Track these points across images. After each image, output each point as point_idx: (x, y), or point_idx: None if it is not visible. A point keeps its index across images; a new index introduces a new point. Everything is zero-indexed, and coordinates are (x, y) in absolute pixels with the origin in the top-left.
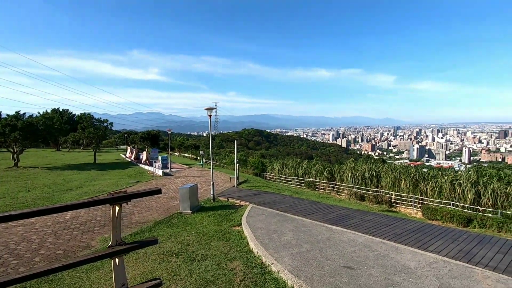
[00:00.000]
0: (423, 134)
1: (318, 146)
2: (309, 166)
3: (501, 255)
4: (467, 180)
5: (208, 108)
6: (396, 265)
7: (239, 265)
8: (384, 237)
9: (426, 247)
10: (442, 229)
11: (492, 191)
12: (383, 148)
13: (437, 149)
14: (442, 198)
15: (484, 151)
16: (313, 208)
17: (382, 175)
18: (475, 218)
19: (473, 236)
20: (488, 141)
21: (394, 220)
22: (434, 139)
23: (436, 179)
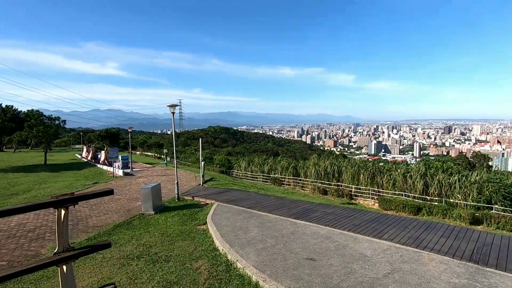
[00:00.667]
0: (380, 131)
1: (284, 143)
2: (275, 163)
3: (444, 239)
4: (417, 173)
5: (170, 105)
6: (354, 254)
7: (204, 264)
8: (344, 228)
9: (381, 235)
10: (395, 218)
11: (438, 181)
12: (345, 144)
13: (392, 144)
14: (396, 190)
15: (432, 145)
16: (278, 203)
17: (343, 169)
18: (424, 206)
19: (421, 223)
20: (436, 136)
21: (353, 212)
22: (390, 135)
23: (390, 172)
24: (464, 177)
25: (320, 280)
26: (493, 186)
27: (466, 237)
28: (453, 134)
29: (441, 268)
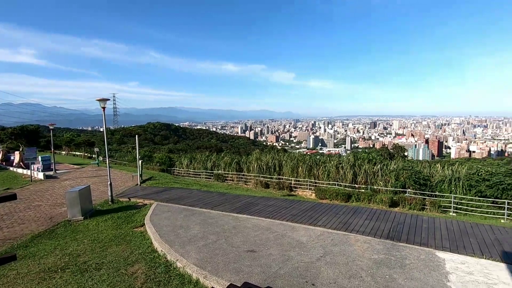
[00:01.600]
0: (317, 126)
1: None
2: (218, 159)
3: (368, 221)
4: (347, 164)
5: (101, 99)
6: (292, 242)
7: (141, 268)
8: (283, 218)
9: (316, 222)
10: (329, 206)
11: (365, 171)
12: (286, 139)
13: (328, 138)
14: (330, 180)
15: (361, 139)
16: (221, 199)
17: (284, 163)
18: (353, 194)
19: (350, 209)
20: (364, 131)
21: (292, 203)
22: (325, 130)
23: (325, 164)
24: (385, 166)
25: (260, 269)
26: (406, 173)
27: (385, 218)
28: (377, 128)
29: (364, 247)
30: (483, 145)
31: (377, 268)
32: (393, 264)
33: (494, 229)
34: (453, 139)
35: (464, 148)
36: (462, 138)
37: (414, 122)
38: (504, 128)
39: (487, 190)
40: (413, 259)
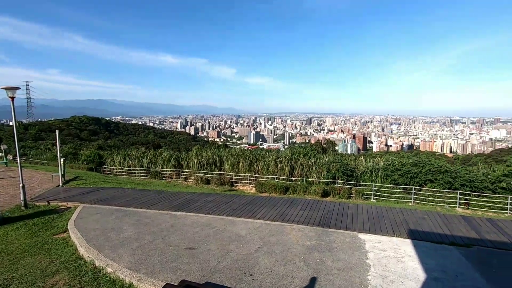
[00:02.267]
0: (258, 122)
1: (167, 134)
2: (155, 156)
3: (302, 211)
4: (285, 158)
5: (8, 87)
6: (231, 236)
7: (64, 278)
8: (223, 213)
9: (255, 215)
10: (267, 199)
11: (300, 164)
12: (227, 134)
13: (268, 134)
14: (269, 174)
15: (298, 135)
16: (158, 197)
17: (224, 159)
18: (290, 186)
19: (287, 201)
20: (301, 127)
21: (232, 197)
22: (266, 126)
23: (265, 159)
24: (318, 160)
25: (199, 266)
26: (336, 166)
27: (317, 208)
28: (313, 125)
29: (299, 235)
30: (398, 140)
31: (309, 254)
32: (323, 248)
33: (403, 211)
34: (375, 135)
35: (383, 143)
36: (382, 134)
37: (343, 120)
38: (413, 126)
39: (399, 179)
40: (339, 242)
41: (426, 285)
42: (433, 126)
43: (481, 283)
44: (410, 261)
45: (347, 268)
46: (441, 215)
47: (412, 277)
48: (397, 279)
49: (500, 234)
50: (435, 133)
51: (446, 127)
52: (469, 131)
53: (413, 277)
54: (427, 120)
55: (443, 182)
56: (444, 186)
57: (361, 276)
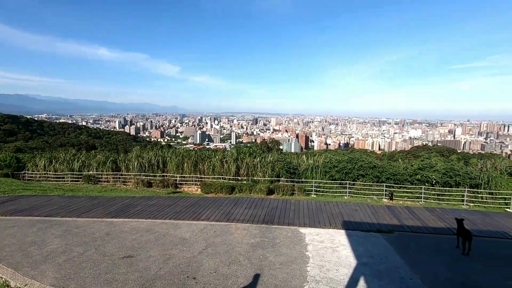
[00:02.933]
0: (204, 122)
1: (103, 134)
2: (89, 158)
3: (247, 210)
4: (231, 158)
5: None
6: (174, 240)
7: None
8: (166, 217)
9: (199, 217)
10: (213, 199)
11: (246, 164)
12: (172, 134)
13: (214, 134)
14: (215, 174)
15: (245, 134)
16: (91, 204)
17: (168, 160)
18: (237, 186)
19: (232, 200)
20: (247, 126)
21: (176, 199)
22: (212, 125)
23: (210, 159)
24: (263, 159)
25: (137, 275)
26: (280, 164)
27: (262, 205)
28: (259, 125)
29: (244, 233)
30: (336, 139)
31: (253, 251)
32: (267, 244)
33: (339, 205)
34: (316, 134)
35: (323, 142)
36: (322, 133)
37: (288, 120)
38: (348, 126)
39: (336, 174)
40: (282, 237)
41: (356, 270)
42: (365, 126)
43: (400, 264)
44: (344, 250)
45: (288, 262)
46: (370, 206)
47: (345, 264)
48: (333, 268)
49: (416, 220)
50: (367, 132)
51: (375, 127)
52: (393, 131)
53: (346, 264)
54: (360, 121)
55: (372, 177)
56: (373, 180)
57: (301, 268)
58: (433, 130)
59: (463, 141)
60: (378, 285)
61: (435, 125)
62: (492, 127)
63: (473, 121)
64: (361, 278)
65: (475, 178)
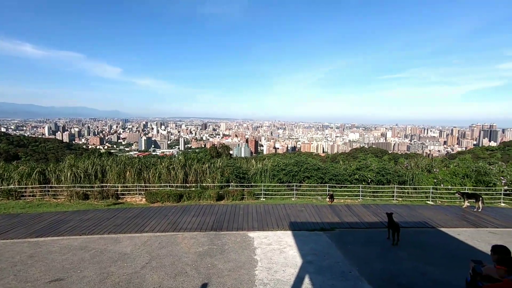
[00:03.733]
0: (149, 127)
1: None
2: (8, 170)
3: (195, 217)
4: (178, 164)
5: None
6: (113, 256)
7: None
8: (104, 232)
9: (143, 229)
10: (159, 209)
11: (195, 170)
12: (113, 141)
13: (161, 140)
14: (161, 182)
15: (194, 140)
16: (10, 223)
17: (108, 168)
18: (185, 193)
19: (180, 208)
20: (196, 132)
21: (116, 212)
22: (159, 131)
23: (156, 166)
24: (212, 164)
25: None
26: (230, 169)
27: (211, 212)
28: (208, 130)
29: (191, 242)
30: (284, 143)
31: (201, 260)
32: (215, 252)
33: (287, 207)
34: (265, 139)
35: (272, 146)
36: (271, 138)
37: (237, 124)
38: (295, 130)
39: (284, 177)
40: (231, 243)
41: (302, 269)
42: (310, 131)
43: (340, 258)
44: (290, 250)
45: (237, 268)
46: (314, 206)
47: (291, 264)
48: (280, 269)
49: (354, 216)
50: (312, 136)
51: (319, 131)
52: (335, 135)
53: (293, 264)
54: (306, 126)
55: (317, 178)
56: (317, 181)
57: (250, 273)
58: (369, 134)
59: (393, 143)
60: (321, 281)
61: (370, 129)
62: (415, 131)
63: (400, 125)
64: (306, 276)
65: (402, 175)
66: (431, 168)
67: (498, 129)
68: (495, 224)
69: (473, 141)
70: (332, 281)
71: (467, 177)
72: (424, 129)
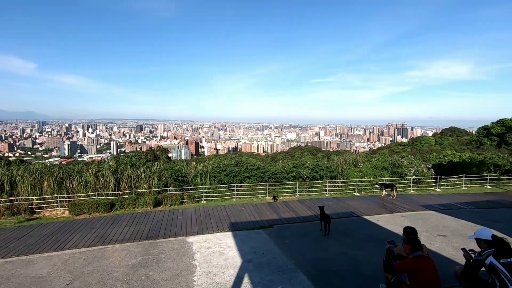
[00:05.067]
0: (73, 130)
1: None
2: None
3: (128, 227)
4: (108, 170)
5: None
6: (24, 282)
7: None
8: (13, 254)
9: (64, 246)
10: (84, 221)
11: (128, 176)
12: (27, 147)
13: (89, 144)
14: (89, 191)
15: (128, 143)
16: None
17: (19, 179)
18: (117, 201)
19: (109, 219)
20: (130, 134)
21: (30, 229)
22: (86, 134)
23: (81, 174)
24: (148, 169)
25: None
26: (168, 173)
27: (146, 220)
28: (144, 132)
29: (123, 255)
30: (225, 143)
31: (134, 273)
32: (150, 262)
33: (227, 208)
34: (206, 140)
35: (213, 147)
36: (212, 139)
37: (176, 126)
38: (236, 131)
39: (225, 178)
40: (168, 251)
41: (242, 269)
42: (250, 131)
43: (278, 254)
44: (230, 251)
45: (174, 276)
46: (254, 205)
47: (231, 265)
48: (219, 271)
49: (292, 212)
50: (252, 136)
51: (259, 131)
52: (274, 134)
53: (232, 265)
54: (246, 126)
55: (257, 177)
56: (258, 180)
57: (188, 279)
58: (304, 133)
59: (326, 141)
60: (260, 277)
61: (305, 128)
62: (344, 129)
63: (331, 125)
64: (245, 275)
65: (333, 171)
66: (357, 163)
67: (408, 127)
68: (406, 208)
69: (389, 138)
70: (270, 277)
71: (385, 170)
72: (351, 128)
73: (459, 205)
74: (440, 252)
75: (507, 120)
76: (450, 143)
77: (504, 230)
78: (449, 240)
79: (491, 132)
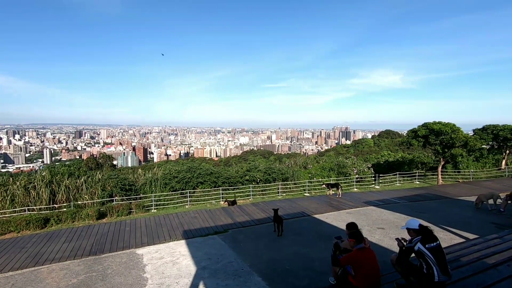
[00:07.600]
0: None
1: None
2: None
3: (67, 244)
4: (41, 182)
5: None
6: None
7: None
8: None
9: None
10: (11, 241)
11: (65, 186)
12: None
13: (15, 152)
14: (16, 206)
15: (64, 150)
16: None
17: None
18: (52, 216)
19: (44, 236)
20: (67, 141)
21: None
22: (11, 141)
23: (7, 187)
24: (90, 178)
25: None
26: (113, 182)
27: (89, 234)
28: (83, 138)
29: (61, 274)
30: (176, 149)
31: None
32: (94, 280)
33: (179, 215)
34: (155, 146)
35: (163, 153)
36: (161, 144)
37: (121, 131)
38: (187, 135)
39: (177, 185)
40: (115, 266)
41: (196, 276)
42: (202, 136)
43: (233, 258)
44: (184, 260)
45: None
46: (208, 211)
47: (185, 274)
48: (173, 282)
49: (245, 215)
50: (205, 141)
51: (212, 136)
52: (227, 139)
53: (187, 274)
54: (198, 131)
55: (210, 182)
56: (211, 186)
57: None
58: (257, 137)
59: (277, 144)
60: (215, 283)
61: (258, 132)
62: (294, 133)
63: (282, 129)
64: (200, 283)
65: (285, 173)
66: (306, 165)
67: (351, 130)
68: (351, 206)
69: (335, 141)
70: (226, 281)
71: (332, 170)
72: (301, 131)
73: (395, 200)
74: (379, 243)
75: (430, 124)
76: (386, 144)
77: (429, 219)
78: (387, 232)
79: (418, 134)
